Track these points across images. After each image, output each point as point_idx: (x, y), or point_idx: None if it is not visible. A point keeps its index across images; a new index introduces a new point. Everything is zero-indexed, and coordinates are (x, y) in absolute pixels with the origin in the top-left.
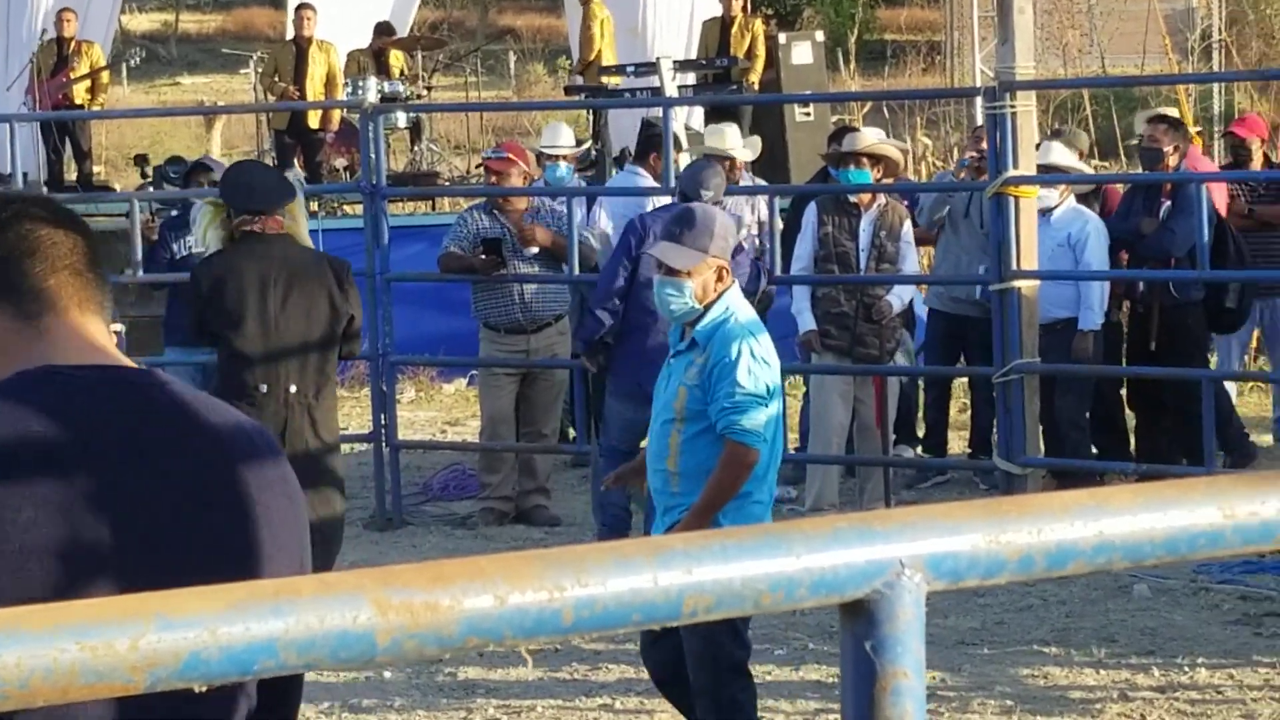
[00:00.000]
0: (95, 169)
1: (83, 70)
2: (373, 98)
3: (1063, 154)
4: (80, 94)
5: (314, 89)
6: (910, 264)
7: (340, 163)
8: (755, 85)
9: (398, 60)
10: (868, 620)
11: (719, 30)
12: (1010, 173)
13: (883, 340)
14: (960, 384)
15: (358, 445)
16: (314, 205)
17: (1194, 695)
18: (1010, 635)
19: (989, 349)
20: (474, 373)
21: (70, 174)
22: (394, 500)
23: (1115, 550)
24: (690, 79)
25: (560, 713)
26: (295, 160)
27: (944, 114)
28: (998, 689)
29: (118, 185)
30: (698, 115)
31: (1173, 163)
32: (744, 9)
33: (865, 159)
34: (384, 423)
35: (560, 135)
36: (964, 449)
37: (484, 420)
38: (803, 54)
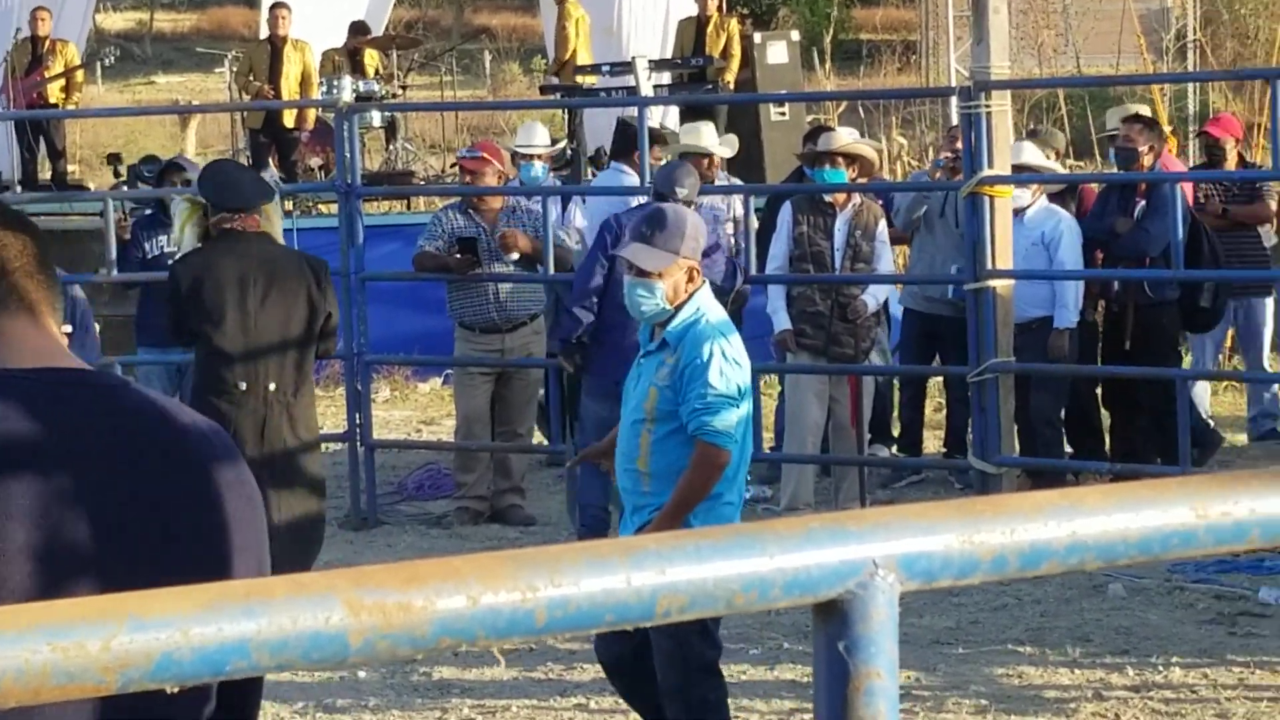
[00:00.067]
0: (69, 168)
1: (57, 69)
2: (348, 97)
3: (1034, 154)
4: (55, 93)
5: (289, 88)
6: (885, 263)
7: (315, 162)
8: (730, 85)
9: (373, 59)
10: (841, 620)
11: (694, 30)
12: (985, 172)
13: (858, 340)
14: (935, 383)
15: (333, 445)
16: (289, 204)
17: (1168, 694)
18: (985, 635)
19: (964, 348)
20: (449, 372)
21: (44, 173)
22: (369, 500)
23: (1088, 550)
24: (665, 78)
25: (535, 712)
26: (270, 159)
27: (919, 114)
28: (972, 688)
29: (92, 184)
30: (673, 115)
31: (1148, 162)
32: (719, 8)
33: (840, 158)
34: (359, 422)
35: (535, 134)
36: (939, 448)
37: (459, 419)
38: (778, 53)
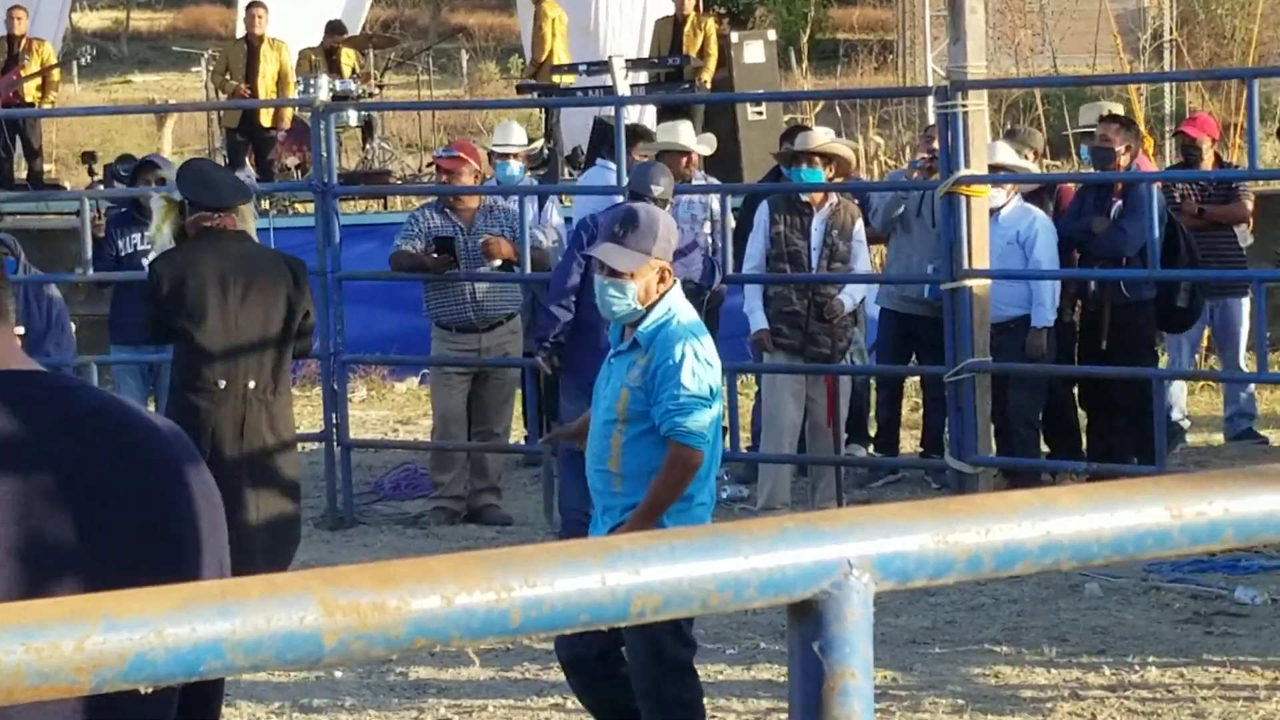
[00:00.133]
0: (45, 167)
1: (33, 68)
2: (324, 96)
3: (1007, 154)
4: (31, 92)
5: (265, 87)
6: (862, 263)
7: (291, 161)
8: (707, 84)
9: (349, 59)
10: (815, 620)
11: (671, 29)
12: (962, 172)
13: (835, 339)
14: (912, 383)
15: (309, 444)
16: (265, 204)
17: (1144, 694)
18: (961, 634)
19: (940, 348)
20: (425, 372)
21: (20, 172)
22: (345, 499)
23: (1063, 550)
24: (642, 78)
25: (512, 712)
26: (247, 159)
27: (896, 113)
28: (949, 688)
29: (68, 184)
30: (650, 114)
31: (1124, 162)
32: (696, 8)
33: (817, 158)
34: (335, 422)
35: (512, 134)
36: (916, 448)
37: (435, 419)
38: (755, 53)
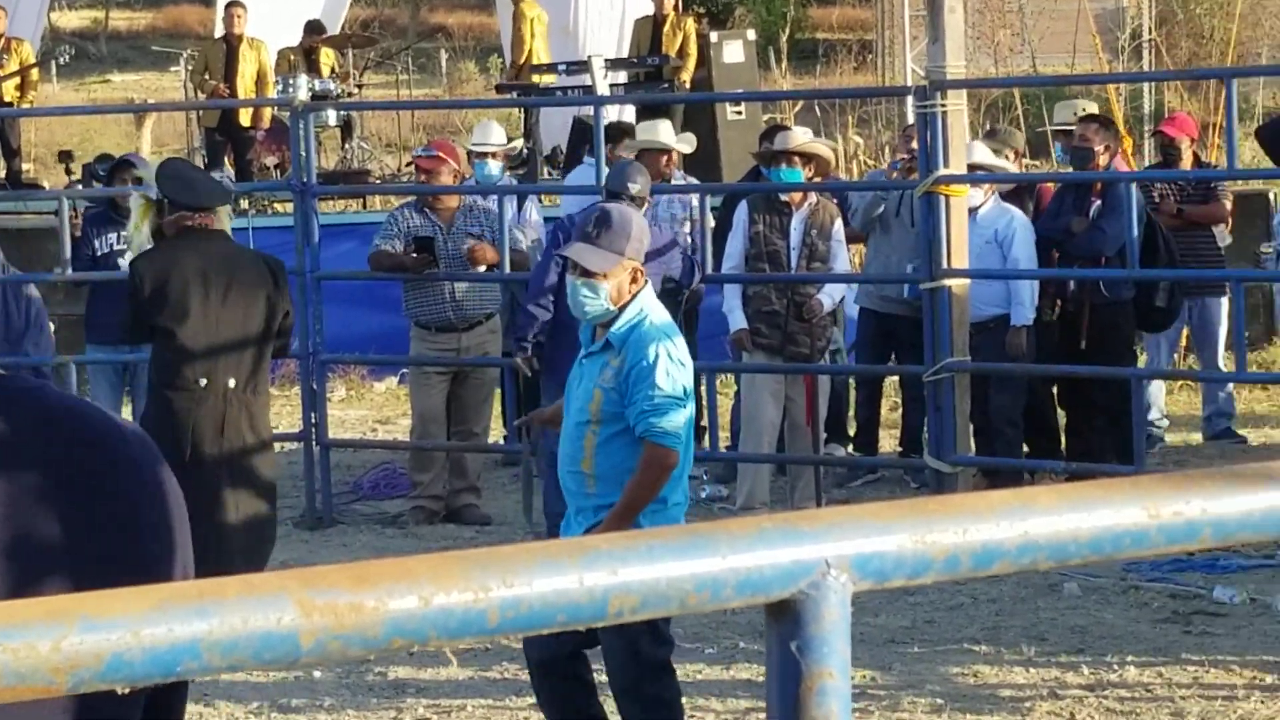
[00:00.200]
0: (24, 167)
1: (12, 67)
2: (303, 95)
3: (984, 153)
4: (9, 91)
5: (244, 87)
6: (841, 263)
7: (271, 161)
8: (687, 84)
9: (328, 58)
10: (793, 620)
11: (651, 29)
12: (941, 171)
13: (814, 339)
14: (891, 383)
15: (288, 444)
16: (244, 203)
17: (1123, 693)
18: (940, 633)
19: (919, 348)
20: (405, 371)
21: None
22: (324, 499)
23: (1041, 550)
24: (622, 77)
25: (490, 712)
26: (226, 158)
27: (875, 113)
28: (928, 687)
29: (46, 183)
30: (629, 114)
31: (1103, 162)
32: (676, 8)
33: (797, 158)
34: (314, 421)
35: (491, 133)
36: (895, 448)
37: (415, 419)
38: (734, 52)
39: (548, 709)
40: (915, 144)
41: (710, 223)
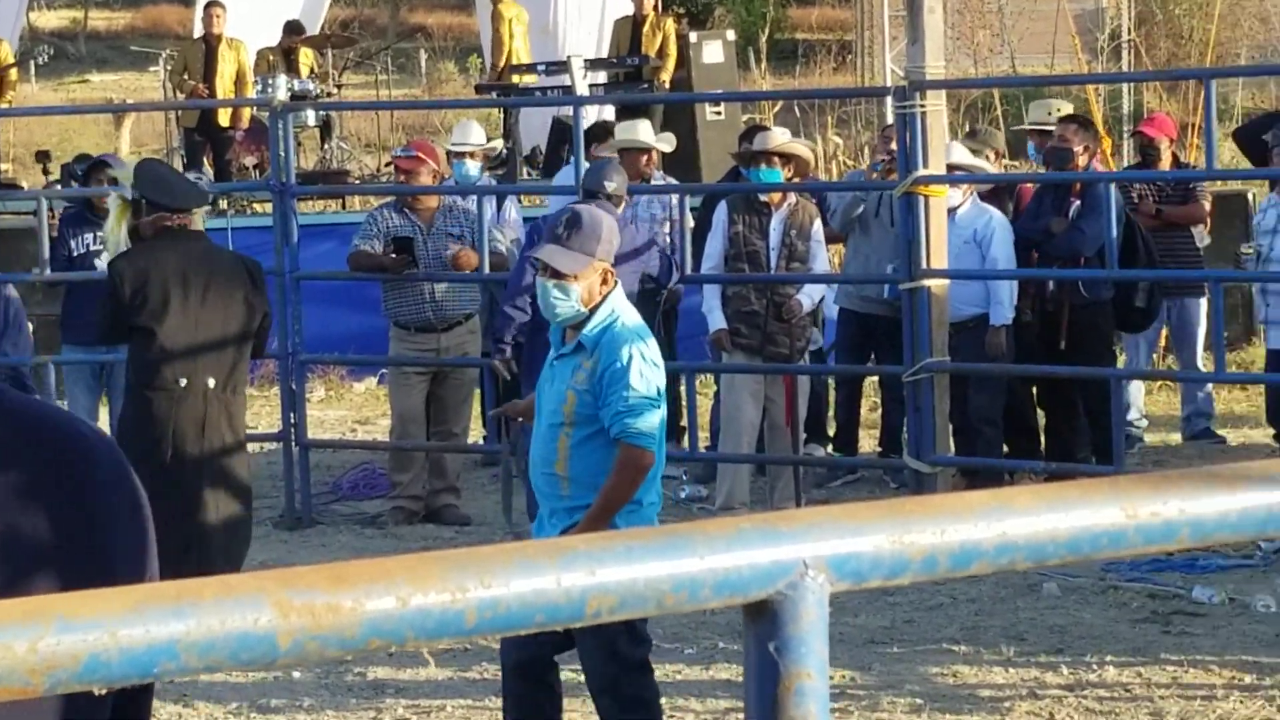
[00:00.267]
0: (3, 167)
1: None
2: (282, 96)
3: (963, 154)
4: None
5: (223, 87)
6: (820, 263)
7: (250, 161)
8: (666, 84)
9: (308, 58)
10: (771, 621)
11: (630, 29)
12: (920, 172)
13: (793, 339)
14: (871, 383)
15: (267, 444)
16: (223, 203)
17: (1102, 693)
18: (920, 634)
19: (899, 348)
20: (384, 371)
21: None
22: (303, 499)
23: (1019, 550)
24: (601, 78)
25: (470, 712)
26: (205, 158)
27: (855, 113)
28: (907, 687)
29: (25, 183)
30: (609, 114)
31: (1082, 162)
32: (655, 8)
33: (776, 158)
34: (293, 421)
35: (470, 133)
36: (874, 448)
37: (394, 419)
38: (714, 53)
39: (513, 712)
40: (894, 144)
41: (690, 223)
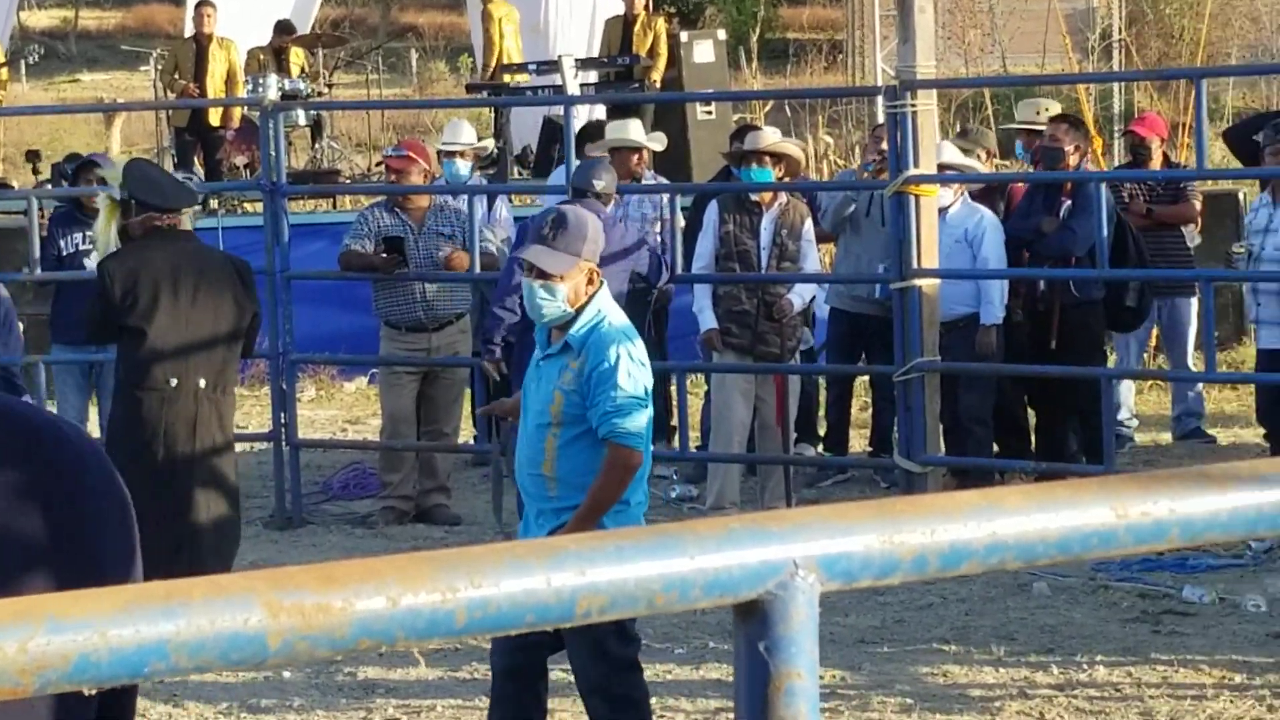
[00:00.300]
0: None
1: None
2: (273, 95)
3: (953, 153)
4: None
5: (214, 86)
6: (811, 263)
7: (240, 160)
8: (657, 83)
9: (298, 58)
10: (761, 621)
11: (621, 28)
12: (911, 171)
13: (784, 339)
14: (861, 382)
15: (258, 444)
16: (214, 203)
17: (1092, 693)
18: (910, 633)
19: (890, 347)
20: (375, 371)
21: None
22: (294, 499)
23: (1008, 550)
24: (592, 77)
25: (460, 712)
26: (195, 158)
27: (846, 113)
28: (897, 687)
29: (15, 183)
30: (600, 114)
31: (1073, 162)
32: (646, 7)
33: (767, 157)
34: (284, 421)
35: (461, 132)
36: (865, 447)
37: (385, 419)
38: (705, 52)
39: (498, 713)
40: (885, 144)
41: (680, 222)
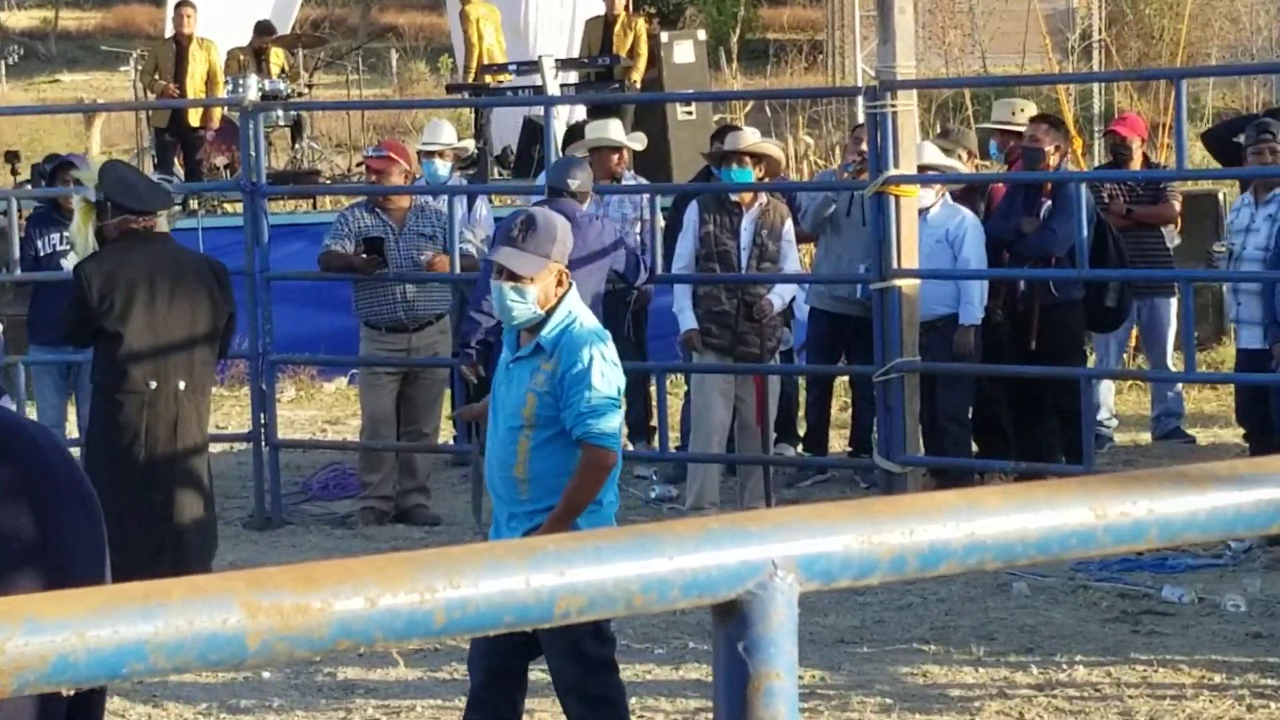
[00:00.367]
0: None
1: None
2: (253, 96)
3: (934, 154)
4: None
5: (194, 87)
6: (791, 263)
7: (221, 161)
8: (637, 84)
9: (278, 58)
10: (740, 621)
11: (601, 29)
12: (891, 172)
13: (764, 339)
14: (841, 383)
15: (237, 444)
16: (194, 203)
17: (1072, 693)
18: (890, 633)
19: (870, 348)
20: (355, 371)
21: None
22: (273, 500)
23: (987, 550)
24: (572, 77)
25: (439, 712)
26: (175, 159)
27: (826, 113)
28: (877, 687)
29: None
30: (580, 114)
31: (1054, 162)
32: (626, 8)
33: (747, 158)
34: (264, 422)
35: (441, 132)
36: (845, 448)
37: (364, 419)
38: (685, 53)
39: (475, 716)
40: (865, 144)
41: (660, 223)
